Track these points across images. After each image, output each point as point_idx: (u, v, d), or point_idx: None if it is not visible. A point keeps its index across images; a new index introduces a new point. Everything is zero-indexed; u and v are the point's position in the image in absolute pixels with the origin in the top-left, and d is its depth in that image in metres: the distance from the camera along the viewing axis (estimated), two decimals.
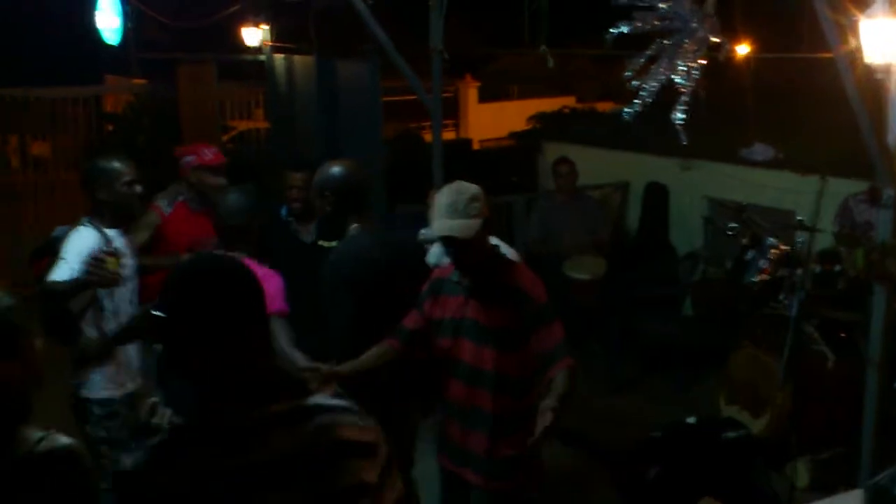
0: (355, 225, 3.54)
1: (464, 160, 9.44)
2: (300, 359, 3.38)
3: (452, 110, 19.79)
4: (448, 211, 3.06)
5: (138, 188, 3.91)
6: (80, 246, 3.73)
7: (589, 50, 10.43)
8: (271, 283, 3.51)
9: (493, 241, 3.34)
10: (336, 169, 3.56)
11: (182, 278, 1.78)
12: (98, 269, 3.44)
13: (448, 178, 5.21)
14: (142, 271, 4.30)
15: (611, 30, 4.26)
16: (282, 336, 3.46)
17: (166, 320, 1.73)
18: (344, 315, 3.44)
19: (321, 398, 1.78)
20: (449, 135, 15.72)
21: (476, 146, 15.08)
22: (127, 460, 3.77)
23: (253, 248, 3.72)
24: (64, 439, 1.94)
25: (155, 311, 1.75)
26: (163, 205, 4.68)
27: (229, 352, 1.71)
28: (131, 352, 3.90)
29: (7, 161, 9.45)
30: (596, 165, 7.91)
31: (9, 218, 9.12)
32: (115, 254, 3.65)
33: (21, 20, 18.34)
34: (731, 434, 4.24)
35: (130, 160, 3.96)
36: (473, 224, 3.04)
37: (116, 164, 3.88)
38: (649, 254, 7.32)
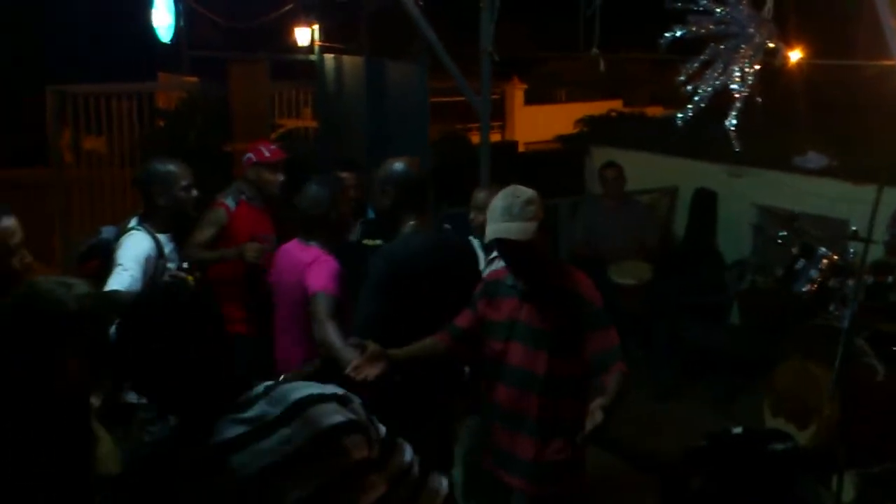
0: (412, 223, 3.54)
1: (509, 162, 9.41)
2: (332, 332, 3.40)
3: (499, 112, 19.73)
4: (503, 214, 3.06)
5: (194, 192, 3.99)
6: (136, 252, 3.76)
7: (641, 54, 10.34)
8: (323, 267, 3.63)
9: None
10: (398, 165, 3.59)
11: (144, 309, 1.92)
12: None
13: (494, 180, 5.24)
14: (201, 264, 4.40)
15: (665, 34, 4.23)
16: (321, 311, 3.48)
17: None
18: (372, 312, 3.41)
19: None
20: (495, 137, 15.67)
21: (522, 149, 15.05)
22: None
23: (331, 238, 3.80)
24: None
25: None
26: (228, 202, 4.74)
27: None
28: None
29: (60, 156, 9.61)
30: (644, 170, 7.84)
31: (61, 212, 9.30)
32: (191, 271, 3.69)
33: (78, 17, 18.73)
34: (777, 446, 4.17)
35: (184, 163, 4.03)
36: (528, 227, 3.03)
37: (174, 169, 3.95)
38: (696, 260, 7.22)
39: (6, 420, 1.93)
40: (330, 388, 2.00)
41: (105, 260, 3.79)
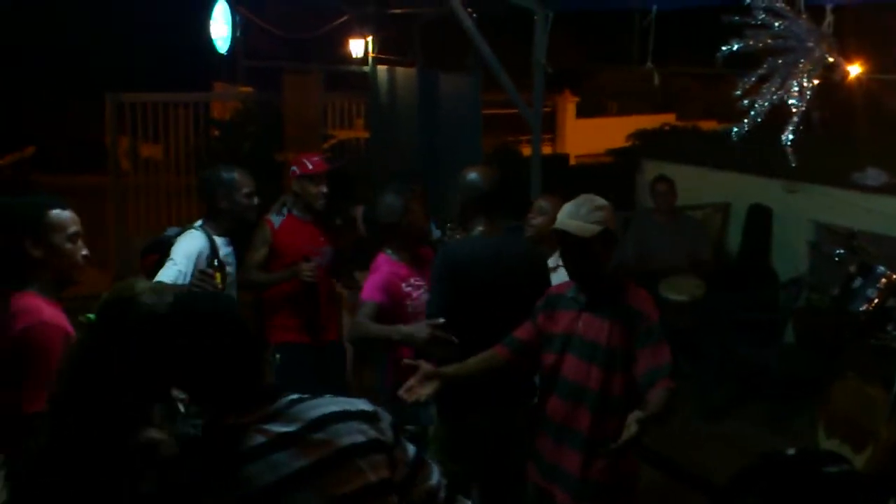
0: (480, 229, 3.66)
1: (560, 175, 9.38)
2: (362, 325, 3.70)
3: (550, 125, 19.75)
4: (570, 213, 3.12)
5: (255, 199, 4.12)
6: (189, 249, 3.87)
7: (695, 67, 10.24)
8: (373, 276, 3.89)
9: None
10: (470, 174, 3.73)
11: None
12: (203, 282, 3.57)
13: (544, 193, 5.22)
14: (260, 287, 4.49)
15: (722, 48, 4.19)
16: (358, 315, 3.78)
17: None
18: (435, 304, 3.56)
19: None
20: (546, 149, 15.65)
21: (573, 162, 14.99)
22: None
23: (403, 245, 3.98)
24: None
25: None
26: (273, 219, 4.79)
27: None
28: None
29: (118, 163, 9.80)
30: (696, 185, 7.76)
31: (117, 218, 9.48)
32: (221, 269, 3.77)
33: (138, 27, 19.13)
34: (832, 468, 4.07)
35: (245, 172, 4.16)
36: (590, 227, 3.07)
37: (237, 175, 4.10)
38: (750, 277, 7.12)
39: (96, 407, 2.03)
40: (359, 405, 2.05)
41: (164, 255, 3.91)
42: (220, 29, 10.56)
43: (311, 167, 4.75)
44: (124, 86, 9.66)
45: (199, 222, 4.13)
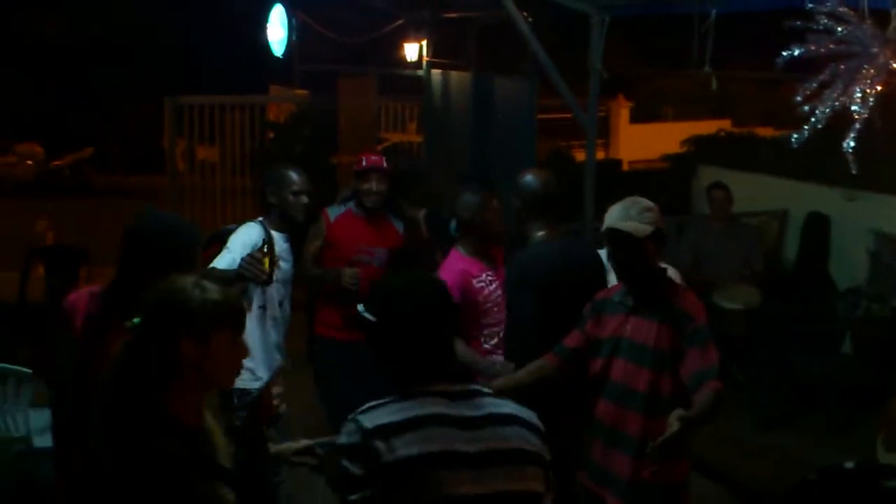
0: (539, 233, 3.67)
1: (613, 180, 9.33)
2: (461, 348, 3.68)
3: (603, 130, 19.61)
4: (620, 213, 3.12)
5: (304, 199, 4.18)
6: (244, 239, 3.97)
7: (754, 73, 10.09)
8: (447, 273, 3.92)
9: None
10: (528, 177, 3.76)
11: (391, 291, 2.26)
12: (251, 266, 3.60)
13: (597, 199, 5.19)
14: (309, 283, 4.56)
15: (782, 52, 4.12)
16: None
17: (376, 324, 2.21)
18: (525, 315, 3.61)
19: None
20: (599, 154, 15.56)
21: (626, 167, 14.88)
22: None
23: (477, 243, 4.06)
24: None
25: (364, 312, 2.24)
26: (330, 211, 4.84)
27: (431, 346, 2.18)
28: (271, 343, 4.15)
29: (175, 164, 9.97)
30: (753, 192, 7.64)
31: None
32: (270, 255, 3.82)
33: (195, 31, 19.46)
34: (893, 483, 3.98)
35: (299, 171, 4.25)
36: (642, 227, 3.06)
37: (288, 173, 4.21)
38: (807, 287, 6.99)
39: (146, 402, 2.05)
40: (534, 418, 2.23)
41: (223, 246, 4.02)
42: (277, 32, 10.68)
43: (363, 164, 4.77)
44: (182, 89, 9.83)
45: (259, 218, 4.25)
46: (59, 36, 21.48)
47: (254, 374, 4.02)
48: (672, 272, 3.51)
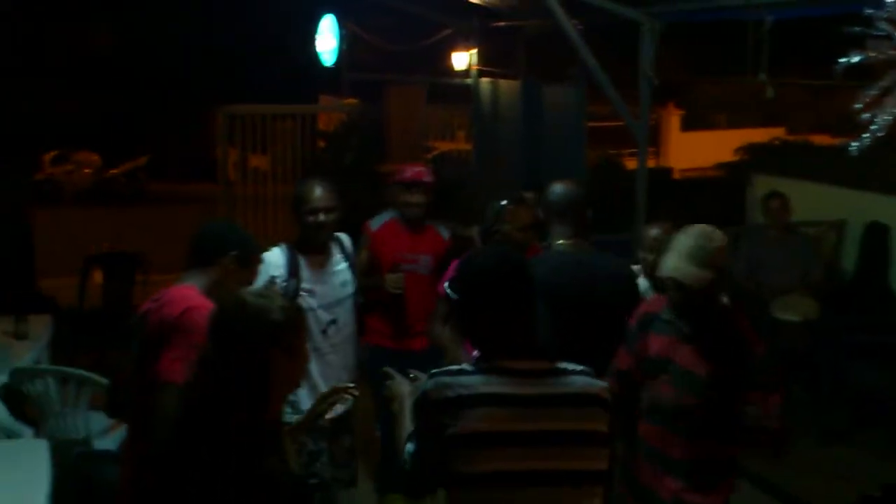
0: (560, 242, 3.58)
1: (664, 189, 9.24)
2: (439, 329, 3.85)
3: (653, 138, 19.46)
4: (690, 257, 2.94)
5: (321, 217, 3.91)
6: (262, 272, 3.75)
7: (812, 79, 9.94)
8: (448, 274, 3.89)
9: None
10: (555, 186, 3.67)
11: (475, 267, 2.37)
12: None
13: (648, 208, 5.12)
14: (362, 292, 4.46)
15: (840, 59, 4.04)
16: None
17: (458, 301, 2.34)
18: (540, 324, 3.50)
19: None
20: (649, 163, 15.48)
21: (676, 175, 14.75)
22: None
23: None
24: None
25: (447, 289, 2.39)
26: (372, 223, 4.83)
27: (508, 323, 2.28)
28: (314, 376, 3.96)
29: (227, 172, 10.10)
30: (810, 201, 7.49)
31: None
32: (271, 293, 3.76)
33: (247, 41, 19.73)
34: None
35: (329, 188, 3.97)
36: (708, 276, 2.92)
37: (305, 190, 3.94)
38: (866, 298, 6.83)
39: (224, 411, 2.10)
40: (605, 392, 2.34)
41: None
42: (327, 42, 10.78)
43: (406, 175, 4.76)
44: (234, 98, 9.96)
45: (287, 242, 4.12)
46: (116, 47, 21.96)
47: (296, 407, 3.93)
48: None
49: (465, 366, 2.29)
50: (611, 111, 6.10)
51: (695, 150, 18.80)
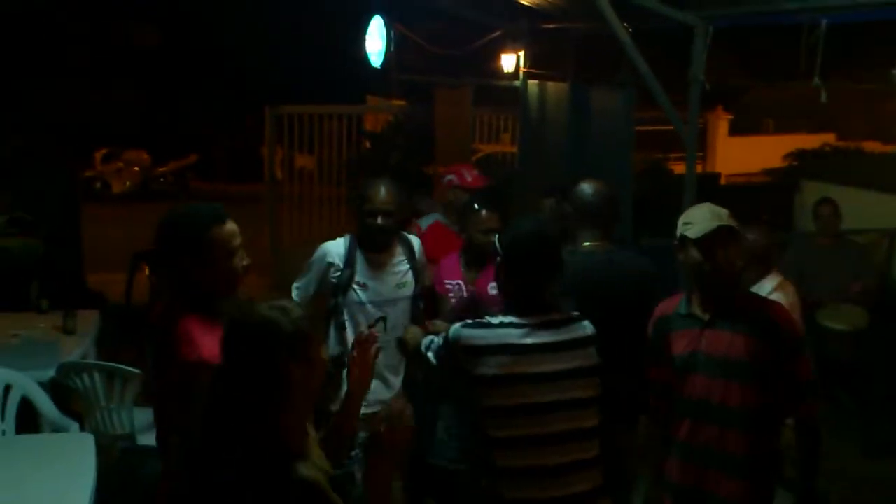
0: (587, 243, 3.60)
1: (711, 194, 9.08)
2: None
3: (700, 142, 19.21)
4: (713, 215, 3.04)
5: (380, 220, 3.86)
6: (321, 255, 3.93)
7: (866, 84, 9.76)
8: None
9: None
10: (583, 186, 3.69)
11: (510, 230, 2.98)
12: None
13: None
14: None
15: None
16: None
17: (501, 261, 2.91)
18: None
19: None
20: (696, 167, 15.29)
21: (723, 181, 14.55)
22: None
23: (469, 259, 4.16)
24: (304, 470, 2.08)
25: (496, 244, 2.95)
26: (421, 223, 4.84)
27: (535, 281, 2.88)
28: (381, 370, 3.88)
29: (273, 172, 10.18)
30: (861, 209, 7.36)
31: (272, 225, 9.84)
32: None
33: (296, 42, 19.89)
34: None
35: (394, 190, 3.92)
36: (732, 223, 3.02)
37: (371, 191, 3.89)
38: None
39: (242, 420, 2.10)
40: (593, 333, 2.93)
41: None
42: (375, 44, 10.81)
43: (469, 180, 4.76)
44: (282, 99, 10.04)
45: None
46: (165, 48, 22.27)
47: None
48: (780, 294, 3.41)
49: (490, 319, 2.82)
50: (657, 115, 6.04)
51: (742, 155, 18.54)
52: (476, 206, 4.11)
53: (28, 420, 4.62)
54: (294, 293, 4.01)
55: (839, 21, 5.21)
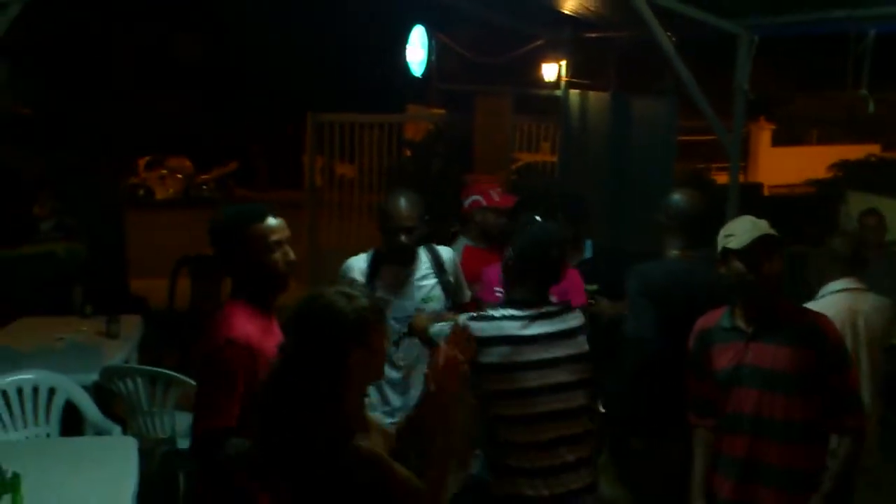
0: (675, 252, 3.66)
1: (754, 205, 8.99)
2: None
3: (743, 152, 19.03)
4: (753, 225, 3.05)
5: (403, 238, 3.72)
6: (344, 272, 3.86)
7: None
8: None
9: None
10: (675, 196, 3.75)
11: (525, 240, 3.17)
12: None
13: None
14: None
15: None
16: None
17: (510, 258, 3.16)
18: (641, 320, 3.57)
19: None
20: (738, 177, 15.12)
21: (766, 191, 14.39)
22: None
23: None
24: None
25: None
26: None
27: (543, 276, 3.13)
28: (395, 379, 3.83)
29: (314, 179, 10.24)
30: None
31: (311, 232, 9.89)
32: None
33: (339, 52, 20.02)
34: None
35: (414, 203, 3.76)
36: (776, 233, 3.02)
37: (391, 206, 3.74)
38: None
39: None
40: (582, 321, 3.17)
41: None
42: (417, 53, 10.86)
43: (497, 200, 4.69)
44: (323, 107, 10.10)
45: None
46: (207, 54, 22.56)
47: (387, 401, 3.82)
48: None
49: (491, 312, 3.06)
50: (699, 125, 5.99)
51: (785, 165, 18.34)
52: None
53: (72, 423, 4.68)
54: None
55: (887, 30, 5.12)
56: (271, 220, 2.83)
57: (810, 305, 3.64)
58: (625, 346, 3.56)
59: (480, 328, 2.99)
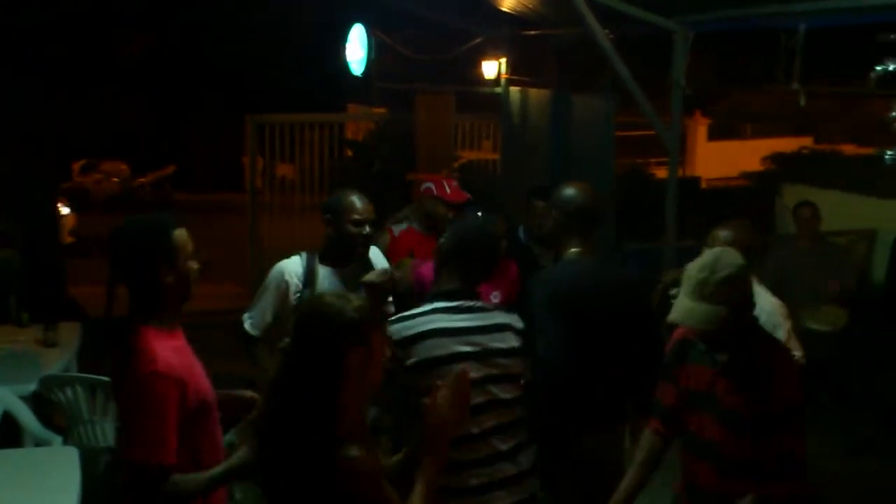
0: (574, 249, 3.48)
1: (691, 199, 9.17)
2: None
3: (680, 147, 19.34)
4: (694, 289, 2.69)
5: (367, 229, 3.72)
6: (277, 276, 3.78)
7: (843, 88, 9.85)
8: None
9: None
10: (568, 190, 3.56)
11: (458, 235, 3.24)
12: None
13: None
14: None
15: (876, 67, 4.00)
16: None
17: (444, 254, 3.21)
18: (550, 336, 3.36)
19: None
20: None
21: (703, 185, 14.66)
22: None
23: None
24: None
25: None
26: (394, 228, 4.85)
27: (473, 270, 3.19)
28: None
29: (253, 181, 10.14)
30: (840, 211, 7.43)
31: (253, 234, 9.80)
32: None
33: (277, 51, 19.85)
34: None
35: (368, 200, 3.78)
36: (716, 313, 2.64)
37: (351, 199, 3.72)
38: None
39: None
40: (517, 322, 3.19)
41: None
42: (356, 52, 10.82)
43: (449, 192, 4.74)
44: (262, 108, 10.01)
45: (308, 251, 3.91)
46: (144, 56, 22.18)
47: None
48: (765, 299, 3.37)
49: (419, 308, 3.09)
50: (636, 121, 6.08)
51: (721, 159, 18.69)
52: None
53: (10, 435, 4.58)
54: (246, 324, 3.81)
55: (817, 26, 5.25)
56: (183, 230, 2.71)
57: None
58: (535, 366, 3.25)
59: (405, 328, 3.03)
